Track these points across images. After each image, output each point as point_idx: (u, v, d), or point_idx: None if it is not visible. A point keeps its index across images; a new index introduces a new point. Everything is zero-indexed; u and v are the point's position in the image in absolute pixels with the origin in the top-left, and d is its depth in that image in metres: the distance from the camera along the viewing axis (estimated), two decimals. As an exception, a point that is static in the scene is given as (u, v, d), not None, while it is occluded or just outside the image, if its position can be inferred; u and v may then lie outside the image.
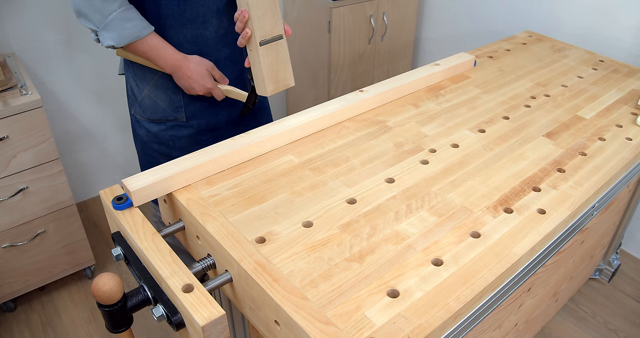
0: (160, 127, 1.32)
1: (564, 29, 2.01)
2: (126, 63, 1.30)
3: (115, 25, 1.11)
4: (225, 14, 1.24)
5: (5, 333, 1.74)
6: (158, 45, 1.16)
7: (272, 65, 1.10)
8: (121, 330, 0.82)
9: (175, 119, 1.31)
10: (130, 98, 1.34)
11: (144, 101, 1.30)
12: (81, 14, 1.12)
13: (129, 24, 1.12)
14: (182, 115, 1.31)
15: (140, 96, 1.30)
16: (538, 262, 0.94)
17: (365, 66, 2.38)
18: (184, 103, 1.30)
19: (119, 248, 0.88)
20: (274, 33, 1.08)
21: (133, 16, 1.13)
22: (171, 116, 1.31)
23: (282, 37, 1.09)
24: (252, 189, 0.98)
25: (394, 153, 1.10)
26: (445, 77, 1.43)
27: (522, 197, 0.99)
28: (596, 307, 1.88)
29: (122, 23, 1.11)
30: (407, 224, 0.91)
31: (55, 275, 1.83)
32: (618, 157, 1.14)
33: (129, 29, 1.12)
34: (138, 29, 1.13)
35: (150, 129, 1.33)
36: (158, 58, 1.18)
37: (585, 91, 1.42)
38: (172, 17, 1.18)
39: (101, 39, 1.14)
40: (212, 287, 0.83)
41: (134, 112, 1.34)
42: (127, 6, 1.12)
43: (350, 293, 0.77)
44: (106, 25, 1.11)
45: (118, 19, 1.11)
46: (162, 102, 1.29)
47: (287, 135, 1.11)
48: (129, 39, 1.13)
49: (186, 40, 1.22)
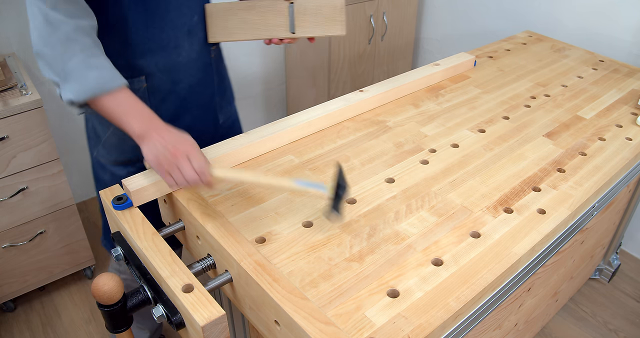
0: (128, 170, 1.16)
1: (564, 29, 2.01)
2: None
3: (77, 74, 0.87)
4: (197, 35, 1.11)
5: (5, 333, 1.74)
6: (129, 101, 0.90)
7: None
8: (121, 330, 0.82)
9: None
10: (92, 140, 1.17)
11: (109, 141, 1.12)
12: (43, 59, 0.89)
13: (92, 73, 0.88)
14: None
15: (105, 135, 1.12)
16: (538, 262, 0.94)
17: (365, 66, 2.38)
18: None
19: (119, 248, 0.88)
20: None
21: (101, 64, 0.89)
22: (141, 155, 1.05)
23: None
24: (252, 189, 0.98)
25: (394, 153, 1.10)
26: (445, 77, 1.43)
27: (522, 197, 0.99)
28: (596, 307, 1.88)
29: (85, 72, 0.88)
30: (407, 224, 0.91)
31: (55, 275, 1.83)
32: (618, 157, 1.13)
33: (92, 79, 0.88)
34: (104, 79, 0.88)
35: (117, 173, 1.17)
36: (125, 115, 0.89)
37: (585, 91, 1.42)
38: (142, 44, 1.03)
39: (61, 92, 0.89)
40: (212, 287, 0.83)
41: (97, 155, 1.17)
42: (93, 51, 0.90)
43: (350, 293, 0.77)
44: (66, 74, 0.87)
45: (80, 67, 0.87)
46: (131, 139, 1.03)
47: (287, 135, 1.11)
48: (91, 92, 0.87)
49: (158, 68, 1.07)
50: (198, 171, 0.84)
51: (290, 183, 0.85)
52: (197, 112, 1.20)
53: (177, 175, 0.85)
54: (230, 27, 1.13)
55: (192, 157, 0.85)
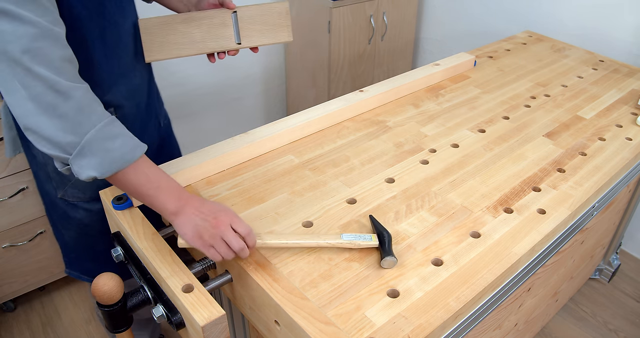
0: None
1: (564, 29, 2.01)
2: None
3: (97, 146, 0.75)
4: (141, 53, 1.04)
5: (5, 333, 1.74)
6: (157, 175, 0.81)
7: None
8: (121, 330, 0.82)
9: None
10: (54, 181, 1.06)
11: (81, 181, 0.91)
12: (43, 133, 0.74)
13: (115, 143, 0.77)
14: None
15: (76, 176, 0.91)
16: (538, 262, 0.94)
17: (365, 66, 2.38)
18: None
19: (119, 248, 0.88)
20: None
21: (120, 131, 0.79)
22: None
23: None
24: (252, 189, 0.98)
25: (394, 153, 1.10)
26: (445, 77, 1.43)
27: (522, 197, 0.99)
28: (596, 307, 1.88)
29: (105, 142, 0.76)
30: (407, 224, 0.91)
31: (55, 275, 1.82)
32: (618, 157, 1.13)
33: (117, 150, 0.77)
34: (128, 148, 0.78)
35: (92, 209, 1.10)
36: (158, 192, 0.80)
37: (585, 91, 1.42)
38: (108, 77, 0.97)
39: (76, 169, 0.77)
40: (212, 287, 0.83)
41: (64, 195, 1.08)
42: (109, 118, 0.78)
43: (350, 293, 0.77)
44: (83, 147, 0.75)
45: (100, 137, 0.75)
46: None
47: (287, 135, 1.11)
48: (118, 165, 0.77)
49: (123, 96, 1.02)
50: (245, 235, 0.78)
51: (338, 239, 0.83)
52: (151, 124, 1.18)
53: (222, 246, 0.77)
54: (168, 43, 1.01)
55: (235, 224, 0.78)
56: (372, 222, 0.88)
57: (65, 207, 1.11)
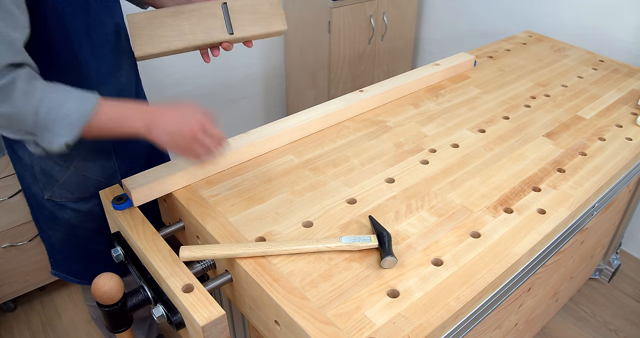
0: (93, 203, 1.10)
1: (564, 29, 2.01)
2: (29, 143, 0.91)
3: (53, 117, 0.77)
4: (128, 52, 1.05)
5: (5, 333, 1.74)
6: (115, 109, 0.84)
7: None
8: (121, 330, 0.82)
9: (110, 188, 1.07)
10: (41, 182, 1.06)
11: (69, 181, 1.04)
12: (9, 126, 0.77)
13: (68, 106, 0.79)
14: (118, 180, 1.11)
15: (64, 176, 1.04)
16: (538, 262, 0.94)
17: (365, 66, 2.38)
18: (118, 166, 1.10)
19: (119, 248, 0.88)
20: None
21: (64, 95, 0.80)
22: (105, 185, 1.08)
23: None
24: (252, 189, 0.98)
25: (394, 153, 1.10)
26: (445, 77, 1.43)
27: (522, 197, 0.99)
28: (596, 307, 1.88)
29: (58, 111, 0.78)
30: (407, 224, 0.91)
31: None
32: (618, 157, 1.13)
33: (72, 112, 0.79)
34: (81, 105, 0.80)
35: (81, 209, 1.10)
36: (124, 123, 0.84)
37: (585, 91, 1.42)
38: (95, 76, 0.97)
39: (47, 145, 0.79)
40: (212, 287, 0.83)
41: (51, 196, 1.08)
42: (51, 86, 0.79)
43: (350, 293, 0.77)
44: (44, 124, 0.77)
45: (51, 109, 0.77)
46: (94, 174, 1.06)
47: (287, 135, 1.11)
48: (80, 123, 0.79)
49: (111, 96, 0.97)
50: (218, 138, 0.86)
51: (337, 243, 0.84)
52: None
53: (200, 150, 0.85)
54: (157, 36, 0.99)
55: (207, 127, 0.85)
56: (371, 223, 0.88)
57: (53, 207, 1.11)
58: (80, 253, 1.18)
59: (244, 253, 0.81)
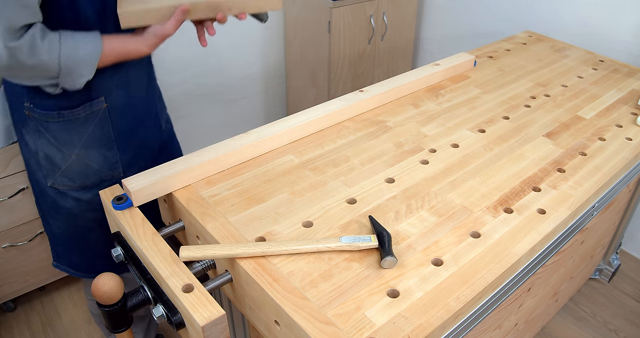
0: (94, 192, 1.13)
1: (564, 29, 2.01)
2: (36, 129, 1.05)
3: (71, 62, 0.91)
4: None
5: (5, 333, 1.74)
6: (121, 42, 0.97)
7: None
8: (121, 330, 0.82)
9: (112, 177, 1.14)
10: (45, 169, 1.10)
11: (71, 168, 1.08)
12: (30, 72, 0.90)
13: (80, 51, 0.92)
14: (119, 171, 1.14)
15: (66, 164, 1.08)
16: (538, 262, 0.94)
17: (365, 66, 2.38)
18: (120, 156, 1.13)
19: (119, 248, 0.88)
20: None
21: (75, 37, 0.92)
22: (107, 176, 1.12)
23: None
24: (252, 189, 0.98)
25: (394, 153, 1.10)
26: (445, 77, 1.43)
27: (522, 197, 0.99)
28: (596, 307, 1.88)
29: (74, 55, 0.91)
30: (407, 224, 0.91)
31: (55, 275, 1.82)
32: (618, 157, 1.13)
33: (86, 55, 0.92)
34: (91, 46, 0.93)
35: (82, 197, 1.13)
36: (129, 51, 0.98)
37: (585, 91, 1.42)
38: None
39: (69, 84, 0.94)
40: (212, 287, 0.83)
41: (53, 183, 1.11)
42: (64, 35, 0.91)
43: (350, 293, 0.77)
44: (63, 70, 0.91)
45: (68, 56, 0.90)
46: (96, 163, 1.10)
47: (287, 135, 1.11)
48: (94, 63, 0.93)
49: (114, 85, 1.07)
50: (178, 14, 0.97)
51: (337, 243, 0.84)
52: (149, 122, 1.19)
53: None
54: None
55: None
56: (371, 223, 0.88)
57: (55, 195, 1.12)
58: (80, 244, 1.19)
59: (244, 253, 0.81)
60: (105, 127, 1.08)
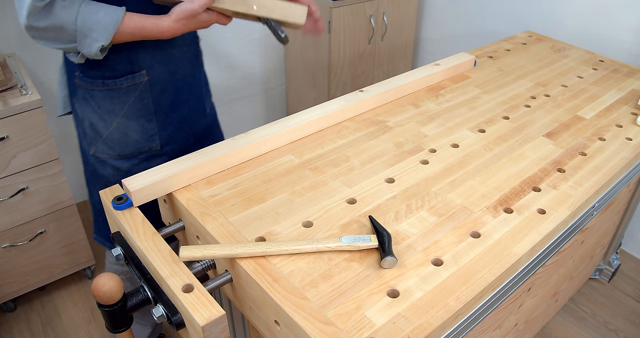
0: (132, 162, 1.19)
1: (564, 29, 2.01)
2: (84, 98, 1.13)
3: (89, 23, 0.95)
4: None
5: (5, 333, 1.74)
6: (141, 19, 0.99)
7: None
8: (121, 330, 0.82)
9: (149, 150, 1.19)
10: (89, 136, 1.18)
11: (112, 136, 1.15)
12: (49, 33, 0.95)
13: (100, 14, 0.96)
14: (157, 144, 1.20)
15: (107, 131, 1.15)
16: (538, 262, 0.94)
17: (365, 66, 2.38)
18: (158, 129, 1.19)
19: (119, 248, 0.88)
20: None
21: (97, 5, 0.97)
22: (145, 147, 1.18)
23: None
24: (252, 189, 0.98)
25: (394, 153, 1.10)
26: (445, 77, 1.43)
27: (522, 197, 0.99)
28: (596, 307, 1.88)
29: (92, 17, 0.96)
30: (407, 224, 0.91)
31: (55, 275, 1.83)
32: (618, 157, 1.13)
33: (104, 18, 0.96)
34: (112, 12, 0.97)
35: (120, 167, 1.19)
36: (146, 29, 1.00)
37: (585, 91, 1.42)
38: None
39: (85, 49, 0.98)
40: (212, 287, 0.83)
41: (95, 151, 1.18)
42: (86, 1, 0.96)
43: (350, 293, 0.77)
44: (80, 31, 0.95)
45: (87, 16, 0.95)
46: (134, 133, 1.16)
47: (287, 135, 1.11)
48: (111, 28, 0.96)
49: (156, 61, 1.12)
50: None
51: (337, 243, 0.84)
52: (192, 103, 1.25)
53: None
54: None
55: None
56: (371, 223, 0.88)
57: (96, 163, 1.20)
58: None
59: (244, 253, 0.81)
60: (145, 99, 1.14)
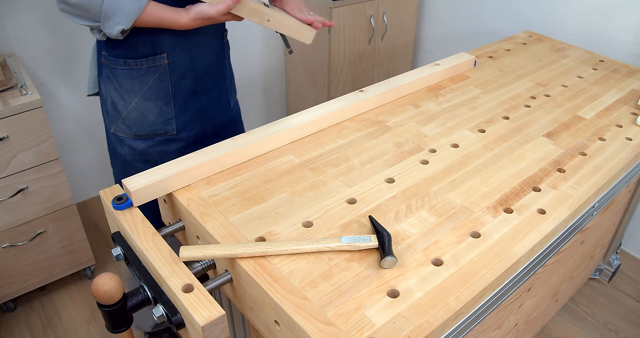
0: (147, 143, 1.23)
1: (564, 29, 2.01)
2: (107, 76, 1.19)
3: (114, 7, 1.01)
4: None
5: (5, 333, 1.74)
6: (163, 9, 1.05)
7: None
8: (121, 330, 0.82)
9: (165, 133, 1.23)
10: (110, 115, 1.24)
11: (130, 115, 1.20)
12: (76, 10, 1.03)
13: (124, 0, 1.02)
14: (173, 128, 1.23)
15: (126, 110, 1.20)
16: (538, 262, 0.94)
17: (365, 66, 2.38)
18: (175, 114, 1.22)
19: (119, 248, 0.88)
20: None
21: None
22: (161, 129, 1.22)
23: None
24: (252, 189, 0.98)
25: (394, 153, 1.10)
26: (445, 77, 1.43)
27: (522, 197, 0.99)
28: (596, 307, 1.88)
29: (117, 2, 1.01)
30: (407, 224, 0.91)
31: (55, 275, 1.83)
32: (618, 157, 1.14)
33: (128, 4, 1.02)
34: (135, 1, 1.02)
35: (136, 147, 1.23)
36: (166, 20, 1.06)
37: (585, 91, 1.42)
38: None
39: (107, 30, 1.05)
40: (212, 287, 0.83)
41: (115, 130, 1.24)
42: None
43: (350, 293, 0.77)
44: (105, 12, 1.02)
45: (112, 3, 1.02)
46: (152, 114, 1.20)
47: (287, 135, 1.11)
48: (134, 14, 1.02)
49: (178, 45, 1.16)
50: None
51: (337, 243, 0.84)
52: (213, 93, 1.28)
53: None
54: None
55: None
56: (371, 223, 0.88)
57: (115, 142, 1.25)
58: None
59: (244, 253, 0.81)
60: (164, 82, 1.18)
